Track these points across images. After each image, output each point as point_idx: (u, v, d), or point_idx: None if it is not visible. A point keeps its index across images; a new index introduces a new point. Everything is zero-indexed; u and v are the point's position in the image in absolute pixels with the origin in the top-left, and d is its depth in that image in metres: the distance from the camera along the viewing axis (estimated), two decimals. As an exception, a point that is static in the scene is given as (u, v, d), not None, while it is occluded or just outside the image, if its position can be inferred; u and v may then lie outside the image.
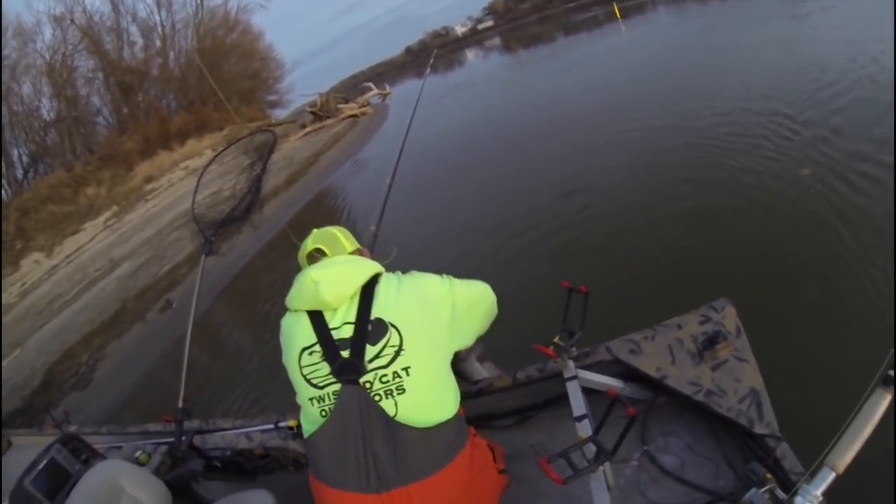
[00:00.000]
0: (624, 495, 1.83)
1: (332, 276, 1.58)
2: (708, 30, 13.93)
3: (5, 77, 23.76)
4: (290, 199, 12.41)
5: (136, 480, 2.33)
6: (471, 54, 28.59)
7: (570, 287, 2.08)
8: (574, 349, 2.08)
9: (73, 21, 25.21)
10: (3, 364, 9.54)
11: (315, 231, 1.80)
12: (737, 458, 1.81)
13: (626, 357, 2.08)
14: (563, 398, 2.12)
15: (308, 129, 18.02)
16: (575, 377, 2.03)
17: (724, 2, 18.70)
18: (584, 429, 1.81)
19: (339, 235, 1.79)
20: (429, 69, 6.05)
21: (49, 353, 9.49)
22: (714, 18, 16.30)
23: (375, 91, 20.66)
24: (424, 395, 1.51)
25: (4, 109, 23.93)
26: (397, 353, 1.47)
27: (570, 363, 2.07)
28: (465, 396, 2.36)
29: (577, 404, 1.92)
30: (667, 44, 13.95)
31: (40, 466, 3.11)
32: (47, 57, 25.13)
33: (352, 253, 1.76)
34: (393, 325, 1.51)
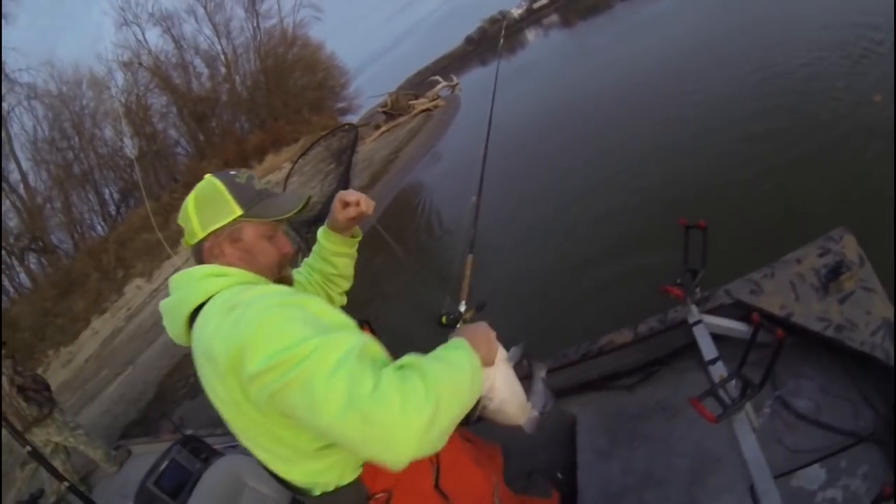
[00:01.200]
0: (761, 445, 1.71)
1: (169, 307, 1.25)
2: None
3: (87, 125, 26.06)
4: (375, 197, 12.44)
5: (257, 474, 2.32)
6: (531, 35, 27.81)
7: (687, 223, 1.99)
8: (698, 290, 2.02)
9: (140, 64, 27.06)
10: (118, 381, 9.88)
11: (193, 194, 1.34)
12: (875, 395, 1.71)
13: (748, 298, 2.04)
14: (685, 350, 2.19)
15: (383, 129, 18.23)
16: (700, 321, 1.98)
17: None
18: (718, 372, 1.75)
19: (191, 213, 1.29)
20: (500, 48, 6.08)
21: (160, 368, 9.85)
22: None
23: (444, 84, 20.64)
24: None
25: (91, 154, 26.19)
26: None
27: (694, 308, 2.02)
28: (586, 357, 2.44)
29: (708, 348, 1.87)
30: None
31: (162, 468, 3.26)
32: (123, 100, 26.97)
33: (202, 241, 1.29)
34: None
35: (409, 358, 1.09)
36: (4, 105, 24.22)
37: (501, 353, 1.45)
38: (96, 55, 34.14)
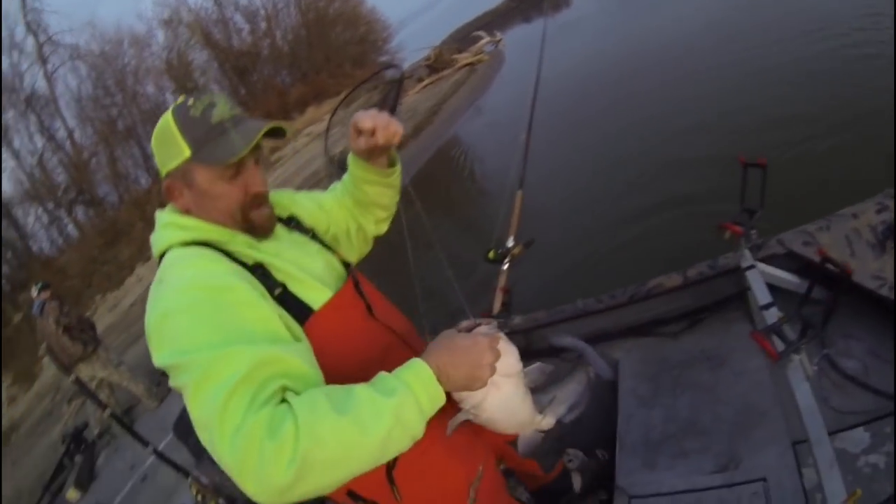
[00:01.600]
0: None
1: None
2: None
3: (129, 82, 26.71)
4: (420, 147, 12.46)
5: None
6: None
7: (746, 161, 1.96)
8: (755, 232, 1.99)
9: (181, 21, 27.18)
10: None
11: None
12: None
13: (801, 249, 2.01)
14: (733, 300, 2.21)
15: (426, 82, 18.14)
16: (754, 266, 1.97)
17: None
18: (772, 318, 1.71)
19: (154, 149, 1.19)
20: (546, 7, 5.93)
21: None
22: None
23: (487, 39, 20.29)
24: None
25: (135, 110, 26.62)
26: None
27: (747, 252, 2.02)
28: (634, 299, 2.43)
29: (762, 293, 1.85)
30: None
31: None
32: (164, 57, 27.48)
33: (163, 180, 1.19)
34: None
35: (311, 395, 0.91)
36: (49, 65, 25.09)
37: (510, 368, 1.20)
38: (137, 14, 34.00)
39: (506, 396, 1.20)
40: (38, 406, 13.57)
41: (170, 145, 1.12)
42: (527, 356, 2.90)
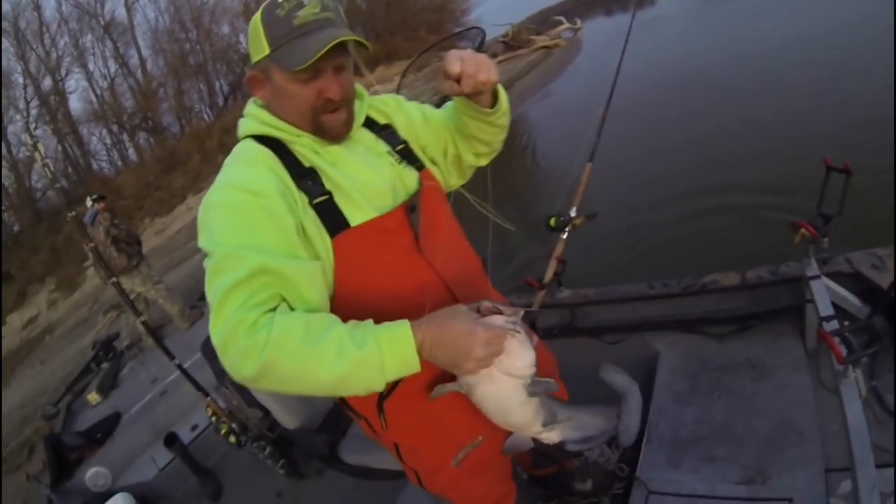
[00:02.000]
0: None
1: None
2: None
3: (205, 20, 27.32)
4: None
5: None
6: None
7: (830, 164, 1.89)
8: (826, 240, 1.93)
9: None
10: None
11: None
12: None
13: (869, 272, 1.92)
14: (789, 311, 2.13)
15: (500, 58, 17.90)
16: (819, 276, 1.89)
17: None
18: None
19: (249, 36, 1.20)
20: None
21: None
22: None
23: (567, 25, 19.83)
24: None
25: (207, 47, 26.95)
26: None
27: (814, 262, 1.96)
28: (686, 291, 2.39)
29: (824, 304, 1.76)
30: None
31: None
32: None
33: (252, 68, 1.23)
34: None
35: (293, 317, 1.00)
36: None
37: (515, 370, 1.12)
38: None
39: (500, 393, 1.15)
40: (75, 313, 14.05)
41: (255, 39, 1.15)
42: (569, 332, 2.77)
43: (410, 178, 1.29)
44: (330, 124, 1.18)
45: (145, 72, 26.53)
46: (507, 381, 1.13)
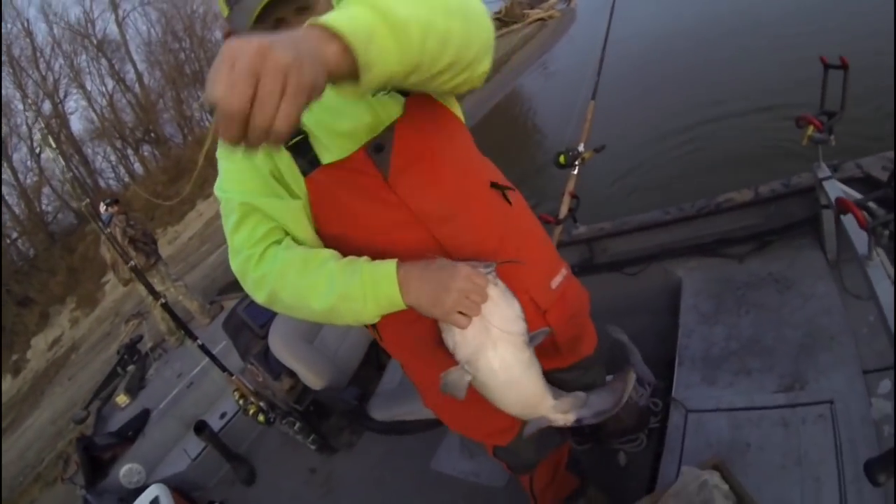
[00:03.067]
0: (870, 335, 1.70)
1: None
2: None
3: (197, 27, 27.93)
4: (484, 96, 12.38)
5: None
6: None
7: (827, 62, 1.83)
8: (833, 137, 1.84)
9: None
10: (219, 251, 10.17)
11: None
12: None
13: (879, 174, 1.92)
14: (805, 224, 2.14)
15: (496, 34, 17.52)
16: (831, 177, 1.87)
17: None
18: (850, 222, 1.54)
19: None
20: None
21: None
22: None
23: (560, -4, 19.47)
24: None
25: (202, 55, 27.10)
26: None
27: (824, 164, 1.93)
28: (702, 212, 2.37)
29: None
30: None
31: None
32: None
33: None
34: None
35: (292, 252, 1.11)
36: (120, 11, 26.17)
37: (509, 323, 1.10)
38: None
39: (503, 360, 1.11)
40: (97, 328, 14.22)
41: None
42: (589, 269, 2.75)
43: (393, 108, 1.16)
44: None
45: (143, 85, 26.79)
46: (507, 341, 1.10)
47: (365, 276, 1.04)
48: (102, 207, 6.04)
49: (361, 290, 1.04)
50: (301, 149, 1.12)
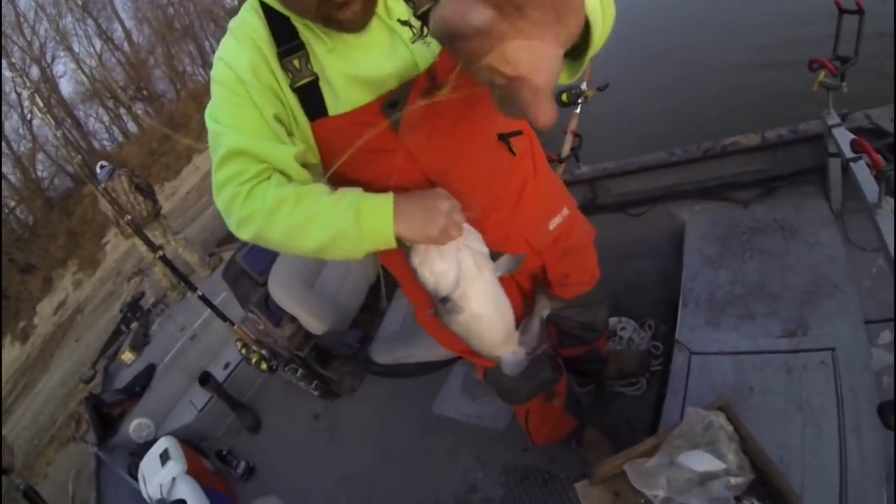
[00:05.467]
0: (875, 289, 1.75)
1: None
2: None
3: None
4: None
5: None
6: None
7: (842, 6, 1.79)
8: (845, 84, 1.82)
9: None
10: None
11: None
12: None
13: (888, 126, 1.91)
14: (812, 172, 2.16)
15: None
16: (841, 124, 1.83)
17: None
18: (861, 168, 1.57)
19: None
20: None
21: None
22: None
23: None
24: None
25: (191, 8, 26.61)
26: None
27: (834, 112, 1.90)
28: (708, 154, 2.33)
29: (848, 149, 1.68)
30: None
31: (251, 244, 3.00)
32: None
33: None
34: None
35: (285, 190, 1.05)
36: None
37: (483, 247, 1.15)
38: None
39: (487, 284, 1.14)
40: (101, 289, 14.31)
41: None
42: (592, 209, 2.73)
43: (426, 58, 1.09)
44: (341, 18, 0.99)
45: (132, 43, 26.19)
46: (487, 267, 1.13)
47: (361, 219, 1.02)
48: (98, 168, 6.01)
49: (356, 230, 1.02)
50: (310, 93, 1.08)
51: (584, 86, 2.48)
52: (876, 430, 1.39)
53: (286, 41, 1.05)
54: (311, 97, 1.08)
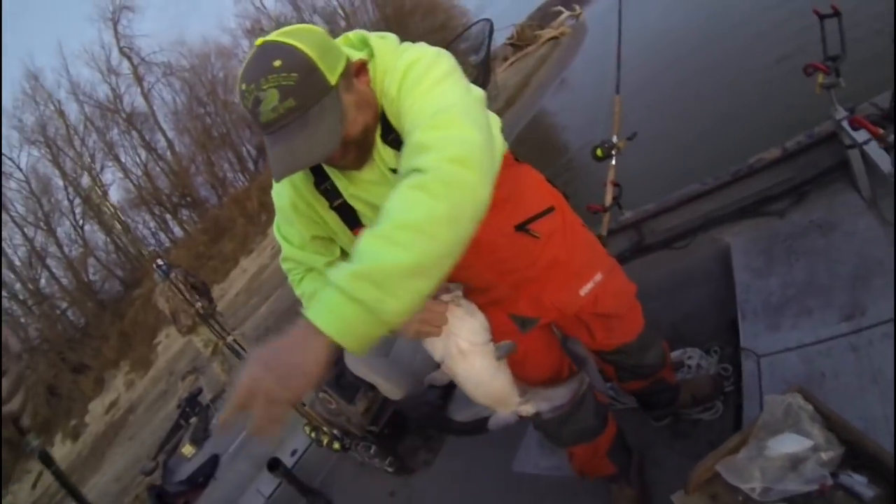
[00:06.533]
0: None
1: None
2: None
3: (220, 90, 28.93)
4: (510, 120, 12.37)
5: None
6: None
7: (820, 13, 1.98)
8: (841, 79, 1.96)
9: (262, 29, 28.74)
10: (267, 303, 10.24)
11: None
12: None
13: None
14: (835, 169, 2.23)
15: (511, 60, 17.98)
16: (848, 116, 1.96)
17: None
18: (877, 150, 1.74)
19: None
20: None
21: None
22: None
23: (567, 13, 19.64)
24: None
25: (227, 117, 28.58)
26: None
27: (840, 108, 2.02)
28: (737, 176, 2.47)
29: (859, 137, 1.87)
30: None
31: None
32: None
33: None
34: None
35: (309, 284, 1.42)
36: (145, 84, 27.51)
37: (476, 336, 1.27)
38: (221, 28, 36.91)
39: (471, 367, 1.28)
40: (153, 389, 14.45)
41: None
42: (639, 251, 2.78)
43: None
44: (343, 165, 1.23)
45: (174, 152, 27.81)
46: (474, 352, 1.26)
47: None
48: (155, 266, 6.19)
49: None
50: (344, 210, 1.30)
51: (614, 138, 2.60)
52: None
53: (320, 174, 1.28)
54: (346, 213, 1.30)
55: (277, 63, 1.02)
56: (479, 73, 6.78)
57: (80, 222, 24.60)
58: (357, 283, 0.86)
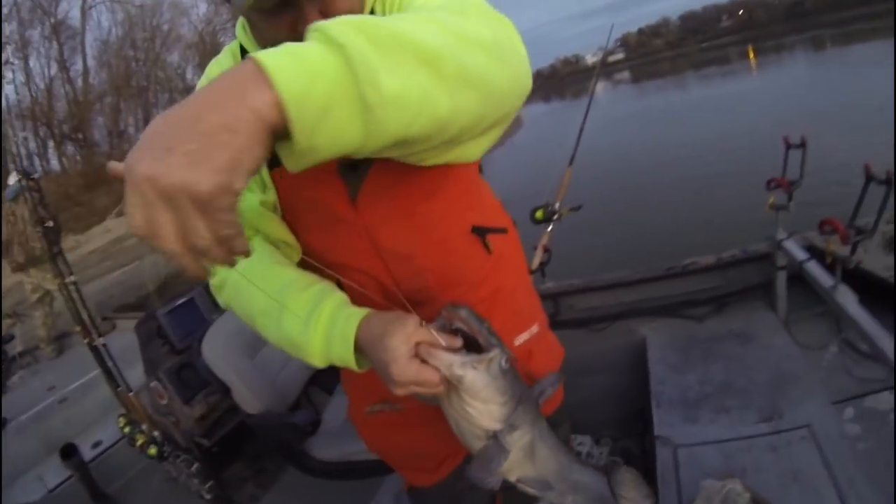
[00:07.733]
0: (829, 375, 1.98)
1: None
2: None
3: (157, 46, 27.50)
4: None
5: None
6: (599, 86, 29.23)
7: (788, 141, 2.11)
8: (792, 203, 2.11)
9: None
10: (121, 270, 9.51)
11: None
12: None
13: (821, 244, 2.00)
14: (759, 288, 2.39)
15: None
16: (789, 237, 2.13)
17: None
18: (815, 268, 1.92)
19: None
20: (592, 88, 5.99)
21: (172, 267, 9.56)
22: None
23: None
24: None
25: (153, 72, 27.49)
26: None
27: (782, 229, 2.17)
28: (670, 272, 2.54)
29: (799, 253, 2.04)
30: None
31: (179, 302, 2.96)
32: (199, 30, 28.82)
33: None
34: None
35: (253, 262, 0.95)
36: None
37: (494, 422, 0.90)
38: None
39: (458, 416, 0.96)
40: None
41: None
42: (555, 325, 2.62)
43: None
44: None
45: (86, 81, 25.59)
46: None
47: (318, 333, 0.89)
48: (12, 179, 5.32)
49: (316, 347, 0.90)
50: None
51: (557, 205, 2.58)
52: (868, 486, 1.48)
53: None
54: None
55: None
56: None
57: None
58: (346, 28, 0.56)
